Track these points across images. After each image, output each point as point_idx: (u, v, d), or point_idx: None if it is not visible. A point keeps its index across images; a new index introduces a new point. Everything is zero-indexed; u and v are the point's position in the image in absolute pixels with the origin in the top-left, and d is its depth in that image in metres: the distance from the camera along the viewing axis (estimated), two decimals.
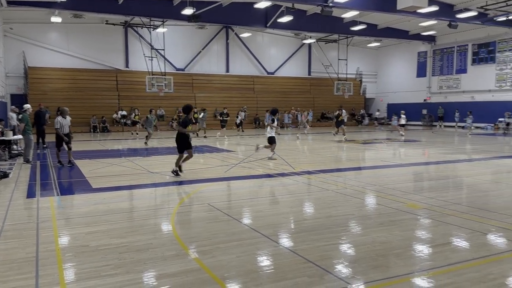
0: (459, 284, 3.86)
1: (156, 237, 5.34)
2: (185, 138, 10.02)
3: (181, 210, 6.75)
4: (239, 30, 33.96)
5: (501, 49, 31.51)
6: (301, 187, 9.05)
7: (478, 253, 4.71)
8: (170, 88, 28.86)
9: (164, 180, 9.72)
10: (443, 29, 31.00)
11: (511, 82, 30.87)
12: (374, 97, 42.14)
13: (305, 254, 4.67)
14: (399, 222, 6.01)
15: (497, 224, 5.81)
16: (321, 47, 37.52)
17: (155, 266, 4.37)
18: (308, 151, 16.38)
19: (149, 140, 19.11)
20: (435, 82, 37.00)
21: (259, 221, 6.16)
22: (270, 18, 28.80)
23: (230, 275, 4.12)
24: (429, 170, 11.65)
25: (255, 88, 36.26)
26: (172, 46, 31.98)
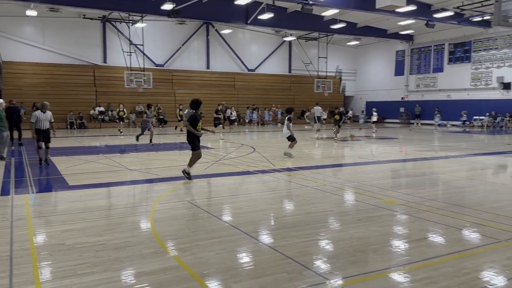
0: (434, 278, 3.94)
1: (134, 235, 5.28)
2: (196, 135, 9.06)
3: (160, 208, 6.69)
4: (219, 26, 33.81)
5: (476, 48, 32.27)
6: (281, 184, 9.09)
7: (452, 248, 4.82)
8: (149, 84, 28.57)
9: (143, 177, 9.61)
10: (421, 29, 31.54)
11: (485, 81, 31.66)
12: (353, 95, 42.62)
13: (285, 250, 4.69)
14: (376, 218, 6.10)
15: (471, 220, 5.95)
16: (301, 44, 37.70)
17: (133, 264, 4.32)
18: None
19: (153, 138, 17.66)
20: (412, 81, 37.66)
21: (239, 218, 6.16)
22: (251, 15, 28.76)
23: (210, 272, 4.11)
24: (406, 167, 11.86)
25: (235, 85, 36.21)
26: (152, 41, 31.62)
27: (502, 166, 12.20)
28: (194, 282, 3.89)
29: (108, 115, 30.40)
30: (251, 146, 16.71)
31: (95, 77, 30.95)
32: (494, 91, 30.80)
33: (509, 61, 30.09)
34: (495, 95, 30.62)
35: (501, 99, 30.26)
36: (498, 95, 30.50)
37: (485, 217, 6.11)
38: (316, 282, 3.89)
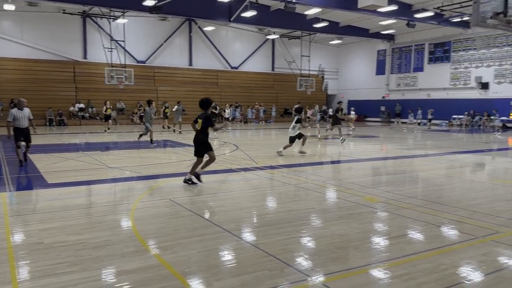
0: (413, 274, 4.01)
1: (114, 234, 5.21)
2: (206, 139, 8.30)
3: (141, 206, 6.62)
4: (202, 23, 33.61)
5: (455, 48, 32.88)
6: (263, 181, 9.10)
7: (431, 244, 4.91)
8: (131, 81, 28.21)
9: (124, 175, 9.51)
10: (402, 28, 31.96)
11: (464, 81, 32.29)
12: (336, 93, 42.93)
13: (266, 248, 4.71)
14: (357, 215, 6.17)
15: (449, 217, 6.07)
16: (284, 43, 37.77)
17: (113, 263, 4.27)
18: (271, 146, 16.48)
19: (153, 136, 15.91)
20: (393, 80, 38.16)
21: (221, 216, 6.15)
22: (234, 12, 28.67)
23: (191, 271, 4.09)
24: (386, 165, 12.01)
25: (218, 82, 36.07)
26: (133, 37, 31.23)
27: (479, 164, 12.47)
28: (175, 280, 3.87)
29: (88, 112, 29.93)
30: (234, 144, 16.68)
31: (75, 73, 30.41)
32: (472, 91, 31.45)
33: (487, 61, 30.75)
34: (474, 94, 31.27)
35: (479, 98, 30.91)
36: (477, 94, 31.15)
37: (463, 214, 6.24)
38: (297, 279, 3.91)
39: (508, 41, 29.29)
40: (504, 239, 5.10)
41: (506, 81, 29.68)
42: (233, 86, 36.19)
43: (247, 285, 3.77)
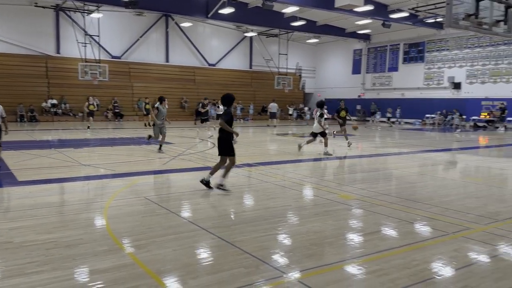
0: (386, 270, 4.08)
1: (87, 232, 5.11)
2: (229, 138, 7.55)
3: (115, 204, 6.51)
4: (179, 19, 33.26)
5: (429, 49, 33.59)
6: (240, 179, 9.09)
7: (404, 241, 5.01)
8: (105, 77, 27.70)
9: (98, 172, 9.33)
10: (377, 28, 32.42)
11: (437, 80, 33.05)
12: (313, 92, 43.26)
13: (242, 245, 4.70)
14: (332, 212, 6.23)
15: (421, 214, 6.21)
16: (262, 41, 37.79)
17: (86, 262, 4.18)
18: (249, 144, 16.49)
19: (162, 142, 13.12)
20: (369, 79, 38.72)
21: (198, 214, 6.11)
22: (211, 8, 28.50)
23: (166, 269, 4.05)
24: (361, 163, 12.18)
25: (196, 79, 35.81)
26: (108, 32, 30.66)
27: (451, 162, 12.79)
28: (150, 279, 3.82)
29: (61, 108, 29.24)
30: (211, 142, 16.60)
31: (48, 68, 29.63)
32: (445, 91, 32.22)
33: (459, 62, 31.55)
34: (446, 94, 32.04)
35: (451, 98, 31.69)
36: (449, 94, 31.93)
37: (435, 211, 6.39)
38: (273, 276, 3.92)
39: (479, 42, 30.12)
40: (474, 235, 5.24)
41: (478, 81, 30.53)
42: (211, 83, 35.99)
43: (222, 282, 3.75)
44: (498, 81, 29.31)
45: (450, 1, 9.15)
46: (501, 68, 29.13)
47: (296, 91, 40.01)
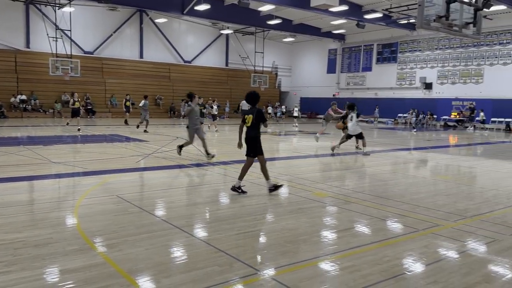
0: (358, 266, 4.14)
1: (57, 231, 4.98)
2: (259, 136, 7.34)
3: (86, 202, 6.37)
4: (154, 15, 32.82)
5: (402, 50, 34.29)
6: (216, 177, 9.05)
7: (375, 237, 5.09)
8: (77, 72, 27.04)
9: (68, 170, 9.11)
10: (352, 29, 32.86)
11: (410, 81, 33.78)
12: (289, 90, 43.50)
13: (217, 243, 4.68)
14: (306, 209, 6.28)
15: (393, 211, 6.33)
16: (238, 38, 37.71)
17: (55, 261, 4.08)
18: (225, 142, 16.44)
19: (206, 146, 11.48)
20: (343, 79, 39.22)
21: (171, 212, 6.05)
22: (187, 5, 28.23)
23: (138, 268, 3.99)
24: (335, 161, 12.32)
25: (171, 76, 35.43)
26: (80, 27, 29.98)
27: (422, 160, 13.09)
28: (122, 278, 3.76)
29: (30, 104, 28.42)
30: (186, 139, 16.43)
31: (17, 63, 28.71)
32: (417, 91, 32.97)
33: (431, 62, 32.33)
34: (418, 94, 32.79)
35: (423, 98, 32.46)
36: (421, 94, 32.70)
37: (406, 208, 6.53)
38: (247, 273, 3.92)
39: (450, 43, 30.93)
40: (444, 231, 5.38)
41: (448, 82, 31.36)
42: (186, 80, 35.69)
43: (196, 281, 3.73)
44: (468, 81, 30.19)
45: (422, 2, 9.34)
46: (470, 69, 30.02)
47: (272, 90, 40.11)
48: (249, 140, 7.32)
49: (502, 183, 8.98)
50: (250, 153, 7.40)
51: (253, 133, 7.28)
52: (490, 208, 6.66)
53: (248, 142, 7.34)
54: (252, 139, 7.29)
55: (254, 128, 7.27)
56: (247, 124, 7.31)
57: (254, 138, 7.29)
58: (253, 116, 7.23)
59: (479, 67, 29.50)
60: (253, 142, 7.29)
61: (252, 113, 7.25)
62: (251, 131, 7.29)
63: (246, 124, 7.33)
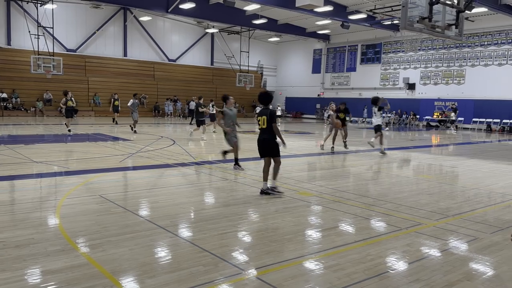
0: (342, 265, 4.17)
1: (38, 232, 4.90)
2: (274, 138, 7.16)
3: (68, 202, 6.28)
4: (138, 12, 32.51)
5: (386, 50, 34.67)
6: (201, 177, 9.02)
7: (359, 236, 5.14)
8: (59, 70, 26.62)
9: (51, 170, 8.96)
10: (337, 29, 33.08)
11: (393, 81, 34.18)
12: (274, 90, 43.57)
13: (202, 243, 4.66)
14: (291, 209, 6.30)
15: (377, 210, 6.40)
16: (224, 37, 37.62)
17: (37, 262, 4.01)
18: (210, 141, 16.38)
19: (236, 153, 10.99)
20: (328, 79, 39.47)
21: (156, 212, 6.00)
22: (172, 3, 28.02)
23: (122, 269, 3.94)
24: (320, 160, 12.40)
25: (155, 75, 35.14)
26: (63, 24, 29.53)
27: (405, 160, 13.25)
28: (105, 279, 3.71)
29: (12, 102, 27.87)
30: (171, 138, 16.36)
31: None
32: (400, 91, 33.37)
33: (414, 63, 32.76)
34: (401, 94, 33.20)
35: (406, 98, 32.87)
36: (404, 94, 33.10)
37: (389, 207, 6.60)
38: (231, 273, 3.91)
39: (433, 45, 31.39)
40: (426, 230, 5.46)
41: (431, 82, 31.82)
42: (171, 79, 35.45)
43: (181, 281, 3.71)
44: (450, 82, 30.68)
45: (406, 4, 9.46)
46: (452, 70, 30.51)
47: (257, 89, 40.07)
48: (265, 142, 7.17)
49: (483, 182, 9.15)
50: (267, 154, 7.26)
51: (269, 135, 7.11)
52: (471, 207, 6.78)
53: (264, 145, 7.19)
54: (268, 141, 7.15)
55: (270, 129, 7.08)
56: (262, 126, 7.14)
57: (270, 140, 7.14)
58: (267, 117, 7.08)
59: (461, 68, 30.01)
60: (270, 144, 7.15)
61: (266, 114, 7.10)
62: (266, 133, 7.13)
63: (261, 126, 7.16)
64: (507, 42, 27.67)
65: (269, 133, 7.10)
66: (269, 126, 7.06)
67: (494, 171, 10.94)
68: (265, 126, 7.10)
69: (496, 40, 28.21)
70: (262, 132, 7.21)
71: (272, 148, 7.17)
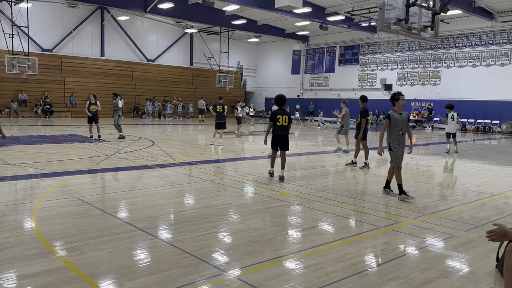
0: (321, 264, 4.21)
1: (14, 235, 4.78)
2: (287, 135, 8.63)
3: (45, 205, 6.14)
4: (115, 12, 32.05)
5: (363, 52, 35.13)
6: (180, 178, 8.95)
7: (339, 235, 5.20)
8: (35, 70, 26.02)
9: (26, 172, 8.75)
10: (315, 30, 33.33)
11: (371, 82, 34.66)
12: (254, 90, 43.63)
13: (182, 245, 4.63)
14: (272, 209, 6.33)
15: (355, 209, 6.48)
16: (203, 38, 37.45)
17: (12, 267, 3.91)
18: (189, 142, 16.29)
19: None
20: (307, 79, 39.75)
21: (135, 214, 5.93)
22: (150, 2, 27.73)
23: (100, 272, 3.89)
24: (300, 161, 12.47)
25: (133, 75, 34.70)
26: (38, 24, 28.88)
27: (382, 159, 13.44)
28: (83, 282, 3.65)
29: None
30: (150, 139, 16.19)
31: None
32: (378, 92, 33.86)
33: (391, 64, 33.30)
34: (379, 95, 33.68)
35: (383, 99, 33.34)
36: (381, 95, 33.60)
37: (368, 206, 6.70)
38: (212, 274, 3.90)
39: (409, 46, 31.97)
40: (404, 228, 5.56)
41: (407, 83, 32.40)
42: (149, 79, 35.08)
43: (161, 283, 3.68)
44: (426, 83, 31.30)
45: (383, 6, 9.62)
46: (428, 71, 31.14)
47: (237, 90, 40.10)
48: (284, 137, 8.54)
49: (458, 181, 9.38)
50: (282, 148, 8.60)
51: (287, 131, 8.54)
52: (447, 205, 6.94)
53: (283, 139, 8.54)
54: (286, 137, 8.55)
55: (288, 127, 8.54)
56: (283, 124, 8.46)
57: (287, 136, 8.57)
58: (288, 117, 8.49)
59: (437, 69, 30.66)
60: (286, 139, 8.57)
61: (287, 114, 8.52)
62: (286, 130, 8.54)
63: (281, 123, 8.43)
64: (481, 44, 28.41)
65: (287, 130, 8.56)
66: (289, 124, 8.51)
67: (469, 170, 11.21)
68: (286, 124, 8.50)
69: (471, 42, 28.94)
70: (282, 128, 8.53)
71: (286, 143, 8.59)
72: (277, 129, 8.52)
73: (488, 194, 7.99)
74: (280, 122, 8.45)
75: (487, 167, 11.79)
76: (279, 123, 8.45)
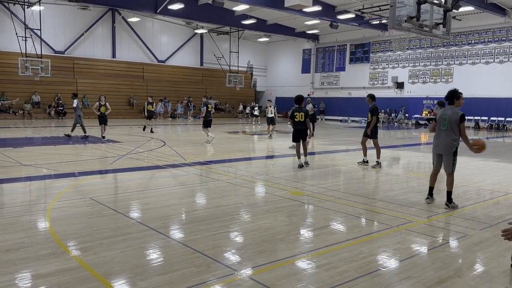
0: (334, 264, 4.20)
1: (29, 235, 4.85)
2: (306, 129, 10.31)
3: (58, 205, 6.22)
4: (126, 14, 32.31)
5: (374, 50, 34.89)
6: (192, 178, 8.99)
7: (351, 234, 5.17)
8: (47, 72, 26.33)
9: (40, 173, 8.87)
10: (325, 29, 33.22)
11: (382, 80, 34.42)
12: (264, 90, 43.60)
13: (194, 244, 4.65)
14: (283, 208, 6.32)
15: (367, 208, 6.44)
16: (213, 38, 37.55)
17: (28, 266, 3.97)
18: (200, 142, 16.33)
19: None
20: (317, 78, 39.60)
21: (147, 214, 5.97)
22: (161, 3, 27.88)
23: (114, 271, 3.92)
24: (311, 160, 12.42)
25: (144, 76, 34.94)
26: (51, 26, 29.23)
27: (395, 158, 13.35)
28: (97, 282, 3.69)
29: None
30: (161, 140, 16.29)
31: None
32: (389, 90, 33.61)
33: (402, 62, 33.02)
34: (390, 93, 33.43)
35: (395, 97, 33.13)
36: (393, 93, 33.35)
37: (380, 205, 6.65)
38: (224, 274, 3.92)
39: (421, 44, 31.66)
40: (417, 227, 5.51)
41: (419, 81, 32.10)
42: (160, 80, 35.28)
43: (173, 283, 3.70)
44: (438, 81, 30.97)
45: (394, 3, 9.52)
46: (440, 69, 30.82)
47: (247, 89, 40.13)
48: (302, 131, 10.17)
49: (471, 180, 9.26)
50: (300, 139, 10.23)
51: (304, 126, 10.15)
52: (461, 204, 6.86)
53: (300, 132, 10.17)
54: (304, 131, 10.20)
55: (304, 122, 10.10)
56: (300, 119, 10.08)
57: (305, 130, 10.21)
58: (304, 114, 10.09)
59: (449, 66, 30.32)
60: (304, 132, 10.21)
61: (304, 111, 10.13)
62: (303, 125, 10.14)
63: (298, 119, 10.08)
64: (494, 40, 28.02)
65: (304, 125, 10.12)
66: (305, 120, 10.05)
67: (483, 168, 11.07)
68: (302, 120, 10.06)
69: (483, 38, 28.56)
70: (299, 124, 10.13)
71: (305, 135, 10.25)
72: (296, 124, 10.16)
73: (503, 193, 7.89)
74: (298, 118, 10.07)
75: (501, 165, 11.63)
76: (296, 119, 10.09)
